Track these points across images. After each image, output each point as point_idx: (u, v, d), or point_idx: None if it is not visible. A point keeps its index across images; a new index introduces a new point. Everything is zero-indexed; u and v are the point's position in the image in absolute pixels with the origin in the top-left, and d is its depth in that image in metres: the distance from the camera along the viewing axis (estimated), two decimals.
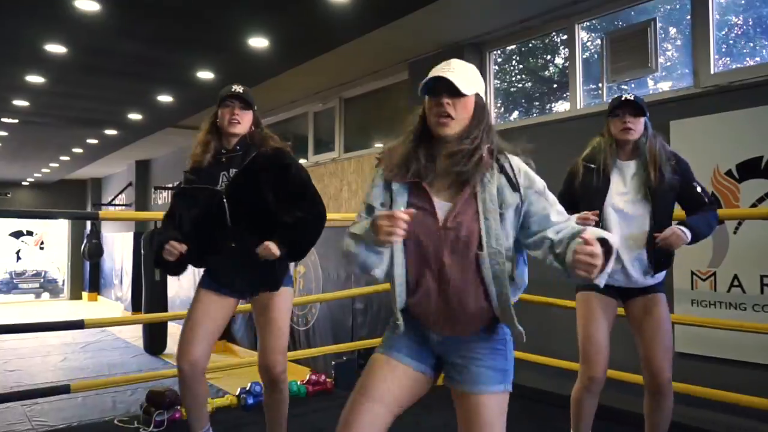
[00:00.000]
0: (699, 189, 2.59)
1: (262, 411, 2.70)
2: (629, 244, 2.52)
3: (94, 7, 3.98)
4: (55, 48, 4.83)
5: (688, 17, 4.01)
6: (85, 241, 13.33)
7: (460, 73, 1.67)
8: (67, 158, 11.48)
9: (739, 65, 3.83)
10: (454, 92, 1.65)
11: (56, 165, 12.50)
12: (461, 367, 1.71)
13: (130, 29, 4.46)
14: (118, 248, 14.51)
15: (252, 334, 8.05)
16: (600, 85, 4.55)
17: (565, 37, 4.82)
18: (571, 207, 2.41)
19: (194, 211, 2.55)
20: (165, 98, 6.49)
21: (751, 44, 3.88)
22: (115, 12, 4.09)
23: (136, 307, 13.13)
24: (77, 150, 10.46)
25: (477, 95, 1.71)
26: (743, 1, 3.90)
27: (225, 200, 2.49)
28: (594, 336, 2.57)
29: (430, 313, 1.71)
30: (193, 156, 2.61)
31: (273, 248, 2.44)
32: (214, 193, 2.51)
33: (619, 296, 2.66)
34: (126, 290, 13.61)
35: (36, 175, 14.31)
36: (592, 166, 2.60)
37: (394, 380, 1.71)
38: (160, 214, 2.99)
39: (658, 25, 4.14)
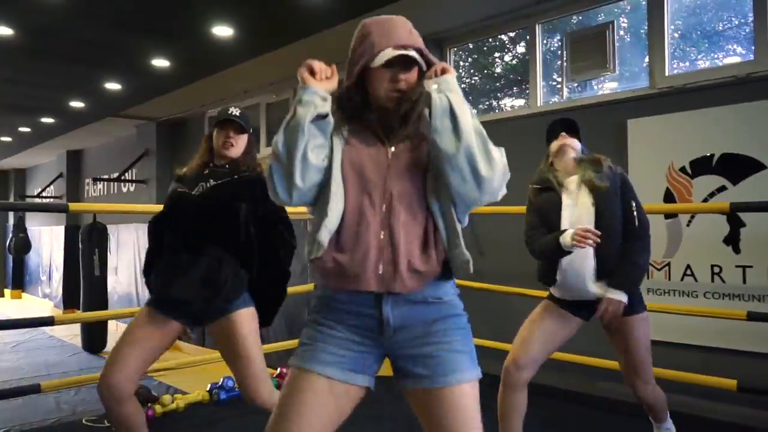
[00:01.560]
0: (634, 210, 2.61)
1: (236, 405, 2.66)
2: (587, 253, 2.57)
3: None
4: (1, 29, 4.56)
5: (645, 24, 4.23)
6: (11, 236, 12.65)
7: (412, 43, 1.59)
8: None
9: (691, 68, 4.08)
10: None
11: None
12: (428, 357, 1.48)
13: (88, 11, 4.26)
14: (46, 242, 13.80)
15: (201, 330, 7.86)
16: (560, 83, 4.72)
17: (513, 35, 4.97)
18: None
19: (171, 215, 2.48)
20: (113, 86, 6.24)
21: (705, 47, 4.13)
22: None
23: (68, 304, 12.56)
24: (5, 138, 9.90)
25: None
26: (696, 7, 4.15)
27: (195, 203, 2.43)
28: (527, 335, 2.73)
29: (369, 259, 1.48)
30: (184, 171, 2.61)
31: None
32: (185, 196, 2.46)
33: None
34: (56, 286, 12.99)
35: None
36: (539, 186, 2.77)
37: (317, 403, 1.46)
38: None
39: (616, 26, 4.35)
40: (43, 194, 13.51)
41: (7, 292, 16.31)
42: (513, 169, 1.52)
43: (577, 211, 2.58)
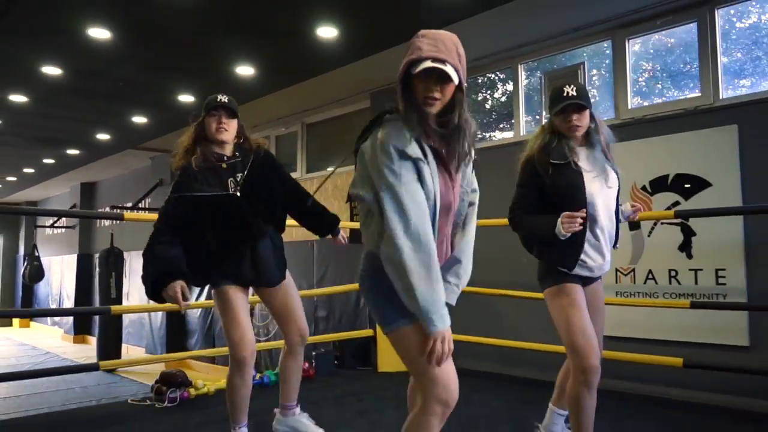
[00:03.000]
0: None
1: (256, 389, 3.18)
2: (608, 226, 2.56)
3: (105, 35, 4.46)
4: (51, 70, 5.23)
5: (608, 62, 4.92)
6: (25, 263, 13.14)
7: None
8: (13, 179, 11.44)
9: (649, 102, 4.75)
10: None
11: None
12: None
13: (130, 55, 4.93)
14: (57, 271, 14.32)
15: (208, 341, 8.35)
16: (538, 116, 5.39)
17: (503, 76, 5.66)
18: (544, 208, 2.55)
19: (217, 218, 2.68)
20: (139, 119, 6.90)
21: (659, 85, 4.80)
22: (122, 39, 4.58)
23: (79, 330, 13.03)
24: (28, 170, 10.51)
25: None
26: (652, 51, 4.84)
27: (242, 202, 2.74)
28: (584, 326, 2.46)
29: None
30: (177, 162, 2.76)
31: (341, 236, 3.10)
32: (231, 198, 2.72)
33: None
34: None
35: None
36: (560, 162, 2.53)
37: None
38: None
39: (587, 67, 5.04)
40: (56, 224, 14.08)
41: (16, 321, 16.73)
42: (499, 189, 1.92)
43: (611, 192, 2.57)
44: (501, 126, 6.03)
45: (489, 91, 6.28)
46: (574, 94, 2.46)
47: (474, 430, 3.29)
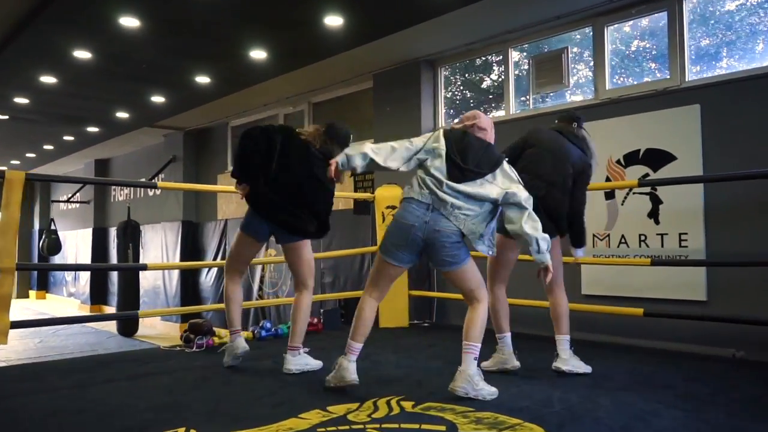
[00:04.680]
0: None
1: (272, 341, 3.75)
2: None
3: (135, 23, 4.96)
4: (82, 54, 5.73)
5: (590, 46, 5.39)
6: (43, 237, 13.73)
7: None
8: (32, 155, 11.96)
9: (625, 84, 5.23)
10: None
11: (17, 162, 12.88)
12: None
13: (154, 40, 5.43)
14: (71, 245, 14.92)
15: None
16: (527, 96, 5.88)
17: (500, 58, 6.15)
18: None
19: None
20: (158, 98, 7.40)
21: (635, 67, 5.29)
22: (149, 27, 5.08)
23: (96, 300, 13.66)
24: (48, 147, 11.02)
25: None
26: (629, 37, 5.31)
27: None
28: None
29: None
30: None
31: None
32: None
33: None
34: (83, 285, 14.08)
35: None
36: None
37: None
38: (219, 187, 3.96)
39: (570, 51, 5.52)
40: (72, 199, 14.63)
41: (32, 293, 17.40)
42: None
43: None
44: (497, 105, 6.51)
45: (486, 73, 6.77)
46: None
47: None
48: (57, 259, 15.70)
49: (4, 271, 3.53)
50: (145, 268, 4.74)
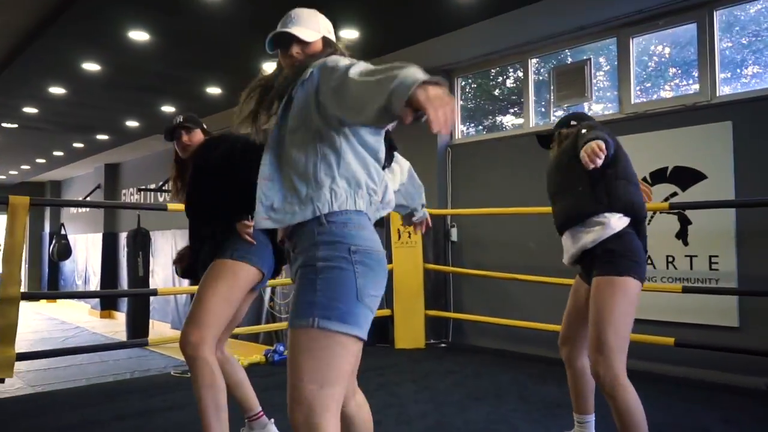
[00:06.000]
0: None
1: (285, 365, 3.56)
2: None
3: (144, 37, 4.82)
4: (91, 66, 5.60)
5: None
6: (54, 242, 13.68)
7: (303, 22, 1.79)
8: (42, 161, 11.90)
9: (652, 98, 5.04)
10: (301, 42, 1.76)
11: (27, 167, 12.83)
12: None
13: (165, 54, 5.29)
14: (82, 249, 14.85)
15: None
16: (547, 108, 5.69)
17: (519, 69, 5.96)
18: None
19: None
20: (168, 108, 7.27)
21: (662, 81, 5.09)
22: (159, 41, 4.94)
23: (106, 305, 13.60)
24: (57, 153, 10.95)
25: (324, 38, 1.80)
26: (656, 50, 5.11)
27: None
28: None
29: None
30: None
31: None
32: None
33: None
34: (94, 290, 14.00)
35: (0, 177, 14.53)
36: None
37: None
38: None
39: (593, 61, 5.32)
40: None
41: None
42: (510, 179, 2.14)
43: None
44: (513, 111, 6.32)
45: (501, 79, 6.58)
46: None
47: (483, 400, 3.68)
48: (67, 263, 15.69)
49: (8, 301, 3.41)
50: (155, 293, 4.59)
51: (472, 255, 5.84)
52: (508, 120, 6.33)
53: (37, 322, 13.17)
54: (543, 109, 5.79)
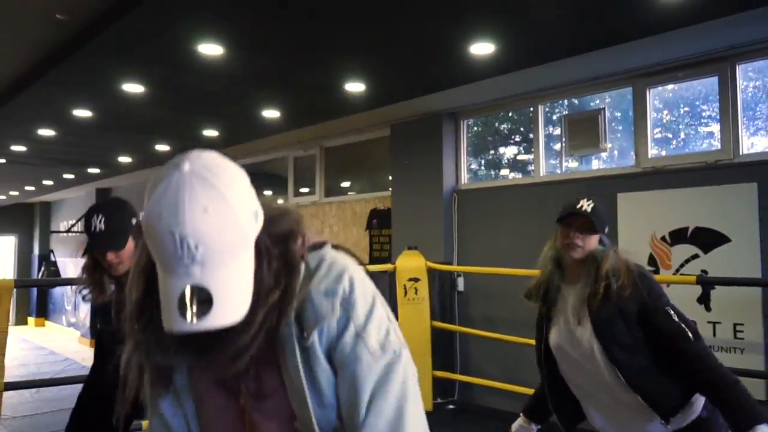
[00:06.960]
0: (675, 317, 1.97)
1: None
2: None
3: (139, 90, 4.57)
4: (81, 113, 5.35)
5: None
6: (42, 268, 13.35)
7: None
8: (32, 188, 11.61)
9: (671, 153, 4.83)
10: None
11: (16, 193, 12.53)
12: None
13: (160, 102, 5.05)
14: (72, 272, 14.50)
15: None
16: (559, 159, 5.47)
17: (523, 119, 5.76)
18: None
19: None
20: (163, 147, 7.02)
21: (681, 135, 4.88)
22: (154, 92, 4.70)
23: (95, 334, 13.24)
24: (47, 182, 10.67)
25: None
26: (675, 102, 4.91)
27: None
28: None
29: None
30: None
31: None
32: None
33: None
34: (83, 317, 13.66)
35: None
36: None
37: None
38: None
39: (606, 112, 5.12)
40: (72, 228, 14.25)
41: (31, 320, 16.97)
42: (518, 233, 1.92)
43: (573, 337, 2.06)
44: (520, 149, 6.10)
45: (509, 122, 6.36)
46: (587, 208, 2.01)
47: None
48: (56, 287, 15.32)
49: None
50: None
51: (480, 307, 5.61)
52: (515, 153, 6.09)
53: (24, 353, 12.76)
54: (553, 161, 5.57)
